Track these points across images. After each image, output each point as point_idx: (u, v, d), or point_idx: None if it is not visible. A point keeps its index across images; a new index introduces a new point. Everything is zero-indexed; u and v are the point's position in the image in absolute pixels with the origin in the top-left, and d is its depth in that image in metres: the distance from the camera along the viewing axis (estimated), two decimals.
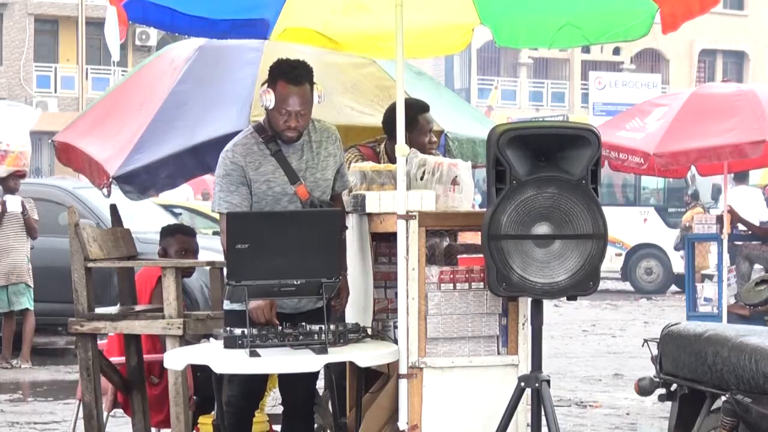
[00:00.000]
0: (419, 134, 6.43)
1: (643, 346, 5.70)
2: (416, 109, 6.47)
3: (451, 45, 6.51)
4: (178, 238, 7.20)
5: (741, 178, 17.10)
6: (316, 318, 5.26)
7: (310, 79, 5.50)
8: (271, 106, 5.45)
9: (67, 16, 41.75)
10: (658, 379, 5.45)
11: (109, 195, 7.32)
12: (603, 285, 21.70)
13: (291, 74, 5.46)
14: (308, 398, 5.73)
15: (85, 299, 6.26)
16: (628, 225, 22.80)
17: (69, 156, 7.72)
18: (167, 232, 7.36)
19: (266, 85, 5.49)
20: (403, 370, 5.20)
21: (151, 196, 7.88)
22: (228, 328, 5.12)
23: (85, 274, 6.27)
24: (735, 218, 13.06)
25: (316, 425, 6.84)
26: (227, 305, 5.67)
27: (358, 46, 6.45)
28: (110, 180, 7.10)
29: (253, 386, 5.62)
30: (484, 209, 5.13)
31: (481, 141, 7.24)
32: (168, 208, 16.28)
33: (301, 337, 5.05)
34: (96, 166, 7.27)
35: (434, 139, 6.60)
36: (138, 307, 6.72)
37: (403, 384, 5.20)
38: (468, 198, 5.50)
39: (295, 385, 5.62)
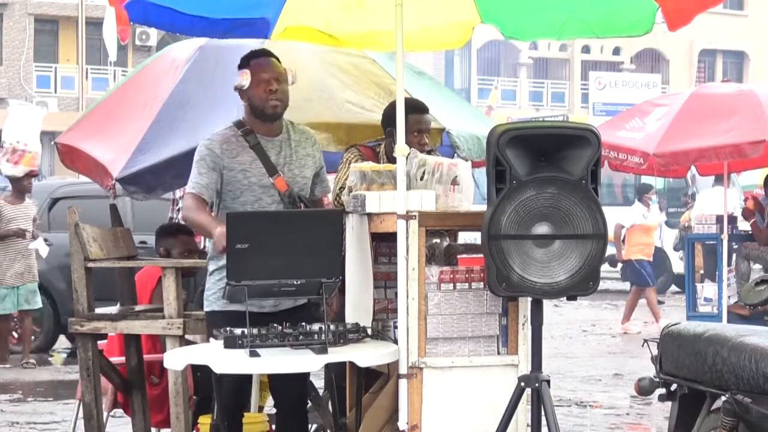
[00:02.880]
0: (406, 132, 6.37)
1: (643, 346, 5.70)
2: (408, 107, 6.44)
3: (450, 41, 6.52)
4: (181, 239, 7.20)
5: (720, 180, 17.24)
6: (297, 316, 5.39)
7: (278, 60, 5.80)
8: (248, 83, 5.69)
9: (67, 16, 41.77)
10: (658, 379, 5.45)
11: (115, 197, 7.32)
12: (603, 285, 21.70)
13: (259, 52, 5.81)
14: (300, 399, 5.74)
15: (85, 299, 6.26)
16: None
17: (72, 158, 7.72)
18: (168, 232, 7.36)
19: (239, 70, 5.75)
20: (403, 370, 5.20)
21: (158, 196, 7.87)
22: (228, 328, 5.11)
23: (85, 274, 6.27)
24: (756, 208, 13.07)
25: (316, 425, 6.85)
26: (207, 306, 5.71)
27: (358, 41, 6.46)
28: (114, 182, 7.10)
29: (240, 386, 5.63)
30: (484, 209, 5.12)
31: (484, 138, 7.21)
32: None
33: (301, 337, 5.05)
34: (101, 168, 7.26)
35: (425, 140, 6.49)
36: (138, 307, 6.72)
37: (403, 384, 5.20)
38: (468, 198, 5.50)
39: (287, 387, 5.64)
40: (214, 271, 5.74)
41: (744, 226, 13.95)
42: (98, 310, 6.47)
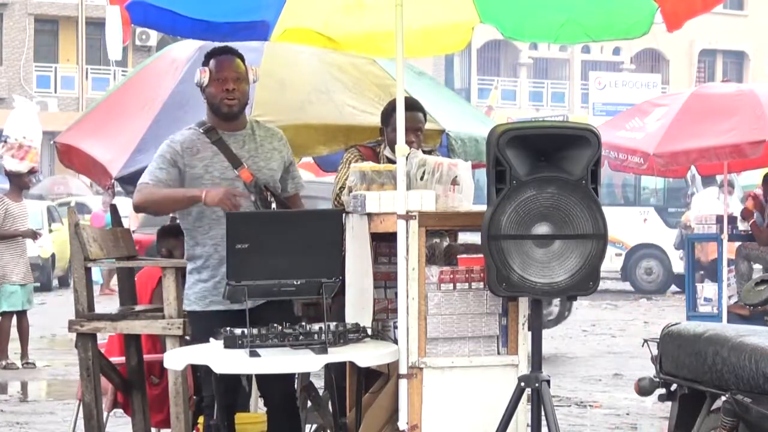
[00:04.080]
0: (394, 130, 6.34)
1: (643, 346, 5.70)
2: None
3: (451, 44, 6.51)
4: (183, 240, 7.18)
5: (709, 181, 17.32)
6: (268, 310, 5.39)
7: (242, 59, 5.81)
8: (206, 80, 5.71)
9: (67, 16, 41.78)
10: (658, 379, 5.45)
11: (113, 196, 7.32)
12: (603, 285, 21.70)
13: (220, 50, 5.81)
14: (288, 396, 5.74)
15: (85, 299, 6.26)
16: (628, 225, 22.81)
17: (71, 157, 7.73)
18: (169, 233, 7.34)
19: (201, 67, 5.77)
20: (403, 370, 5.20)
21: None
22: (228, 328, 5.12)
23: (85, 274, 6.27)
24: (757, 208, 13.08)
25: (316, 425, 6.85)
26: (187, 305, 5.71)
27: (358, 45, 6.45)
28: (113, 181, 7.10)
29: (227, 385, 5.63)
30: (485, 209, 5.12)
31: (483, 139, 7.20)
32: None
33: (301, 337, 5.05)
34: (100, 168, 7.27)
35: (412, 139, 6.40)
36: (138, 307, 6.72)
37: (403, 384, 5.20)
38: (468, 198, 5.50)
39: (272, 385, 5.65)
40: (192, 270, 5.75)
41: (744, 226, 13.94)
42: (98, 310, 6.47)
